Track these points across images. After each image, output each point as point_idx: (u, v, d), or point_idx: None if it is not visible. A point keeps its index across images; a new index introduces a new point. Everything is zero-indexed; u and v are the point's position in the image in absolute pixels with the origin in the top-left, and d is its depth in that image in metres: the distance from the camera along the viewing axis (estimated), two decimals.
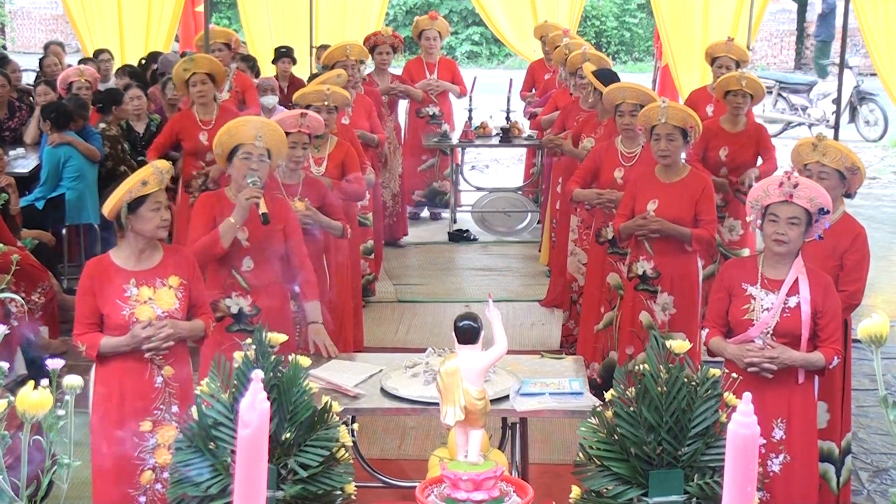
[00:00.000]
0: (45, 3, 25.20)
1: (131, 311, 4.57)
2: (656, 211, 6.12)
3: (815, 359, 4.67)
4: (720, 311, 4.84)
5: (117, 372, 4.63)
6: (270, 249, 5.38)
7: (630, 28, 26.10)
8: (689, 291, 6.23)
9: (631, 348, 6.37)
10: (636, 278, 6.29)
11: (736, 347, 4.73)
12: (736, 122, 7.87)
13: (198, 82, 7.86)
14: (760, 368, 4.64)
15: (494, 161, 14.97)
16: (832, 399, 5.27)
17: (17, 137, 9.85)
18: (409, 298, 9.09)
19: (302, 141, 6.01)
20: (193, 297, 4.72)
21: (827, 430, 5.27)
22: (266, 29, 12.63)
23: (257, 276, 5.38)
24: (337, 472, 3.46)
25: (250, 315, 5.33)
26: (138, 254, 4.65)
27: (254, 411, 1.84)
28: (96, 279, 4.61)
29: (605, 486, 3.34)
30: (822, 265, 4.97)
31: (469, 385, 3.26)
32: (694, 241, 6.09)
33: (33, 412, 2.28)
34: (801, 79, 19.32)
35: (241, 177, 5.29)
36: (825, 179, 5.09)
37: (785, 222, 4.61)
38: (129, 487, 4.62)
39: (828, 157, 5.17)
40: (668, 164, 6.15)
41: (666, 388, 3.35)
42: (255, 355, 3.55)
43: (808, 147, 5.26)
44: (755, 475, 1.90)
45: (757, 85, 7.85)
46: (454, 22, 24.66)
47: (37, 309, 7.08)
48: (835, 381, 5.24)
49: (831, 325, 4.68)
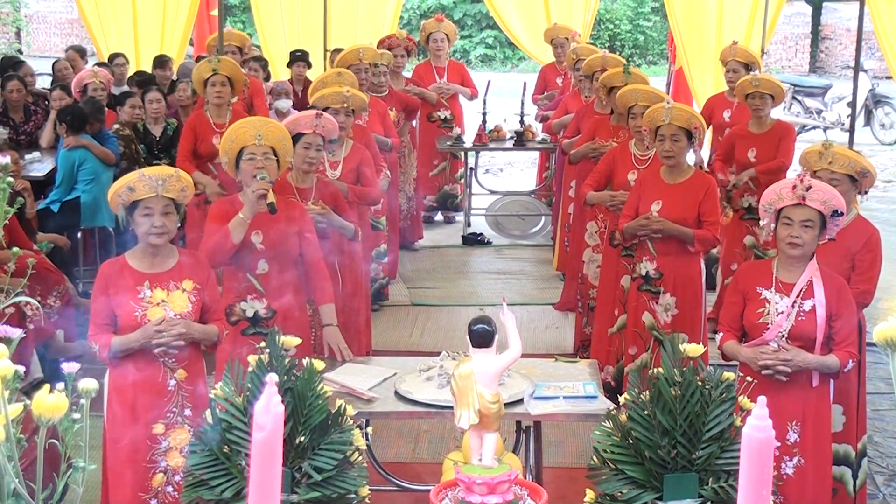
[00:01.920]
0: (61, 7, 25.32)
1: (143, 312, 4.58)
2: (660, 211, 6.13)
3: (830, 362, 4.65)
4: (735, 314, 4.83)
5: (130, 374, 4.63)
6: (285, 252, 5.38)
7: (644, 31, 26.09)
8: (692, 292, 6.24)
9: (634, 349, 6.39)
10: (640, 279, 6.31)
11: (750, 350, 4.72)
12: (761, 123, 7.87)
13: (217, 83, 7.90)
14: (774, 371, 4.63)
15: (508, 164, 14.98)
16: (847, 402, 5.25)
17: (32, 141, 9.90)
18: (423, 302, 9.09)
19: (316, 143, 5.97)
20: (207, 302, 4.72)
21: (843, 434, 5.25)
22: (280, 32, 12.65)
23: (272, 279, 5.38)
24: (351, 476, 3.46)
25: (265, 318, 5.34)
26: (151, 256, 4.66)
27: (268, 414, 1.84)
28: (111, 280, 4.62)
29: (619, 490, 3.34)
30: (837, 267, 4.96)
31: (483, 388, 3.26)
32: (696, 241, 6.10)
33: (49, 416, 2.28)
34: (816, 82, 19.28)
35: (249, 178, 5.28)
36: (836, 185, 5.08)
37: (799, 225, 4.60)
38: (140, 490, 4.61)
39: (836, 164, 5.17)
40: (673, 165, 6.15)
41: (680, 392, 3.35)
42: (269, 358, 3.56)
43: (815, 155, 5.25)
44: (770, 479, 1.89)
45: (773, 84, 7.83)
46: (468, 25, 24.70)
47: (52, 312, 7.11)
48: (850, 384, 5.22)
49: (846, 328, 4.67)
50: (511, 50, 24.54)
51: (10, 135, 9.69)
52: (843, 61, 23.84)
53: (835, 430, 5.21)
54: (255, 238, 5.32)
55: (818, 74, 23.85)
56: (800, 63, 24.79)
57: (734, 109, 8.67)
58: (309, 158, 5.96)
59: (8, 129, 9.72)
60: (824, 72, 24.60)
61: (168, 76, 10.93)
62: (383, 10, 12.56)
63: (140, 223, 4.60)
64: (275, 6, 12.61)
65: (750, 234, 7.90)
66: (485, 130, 10.53)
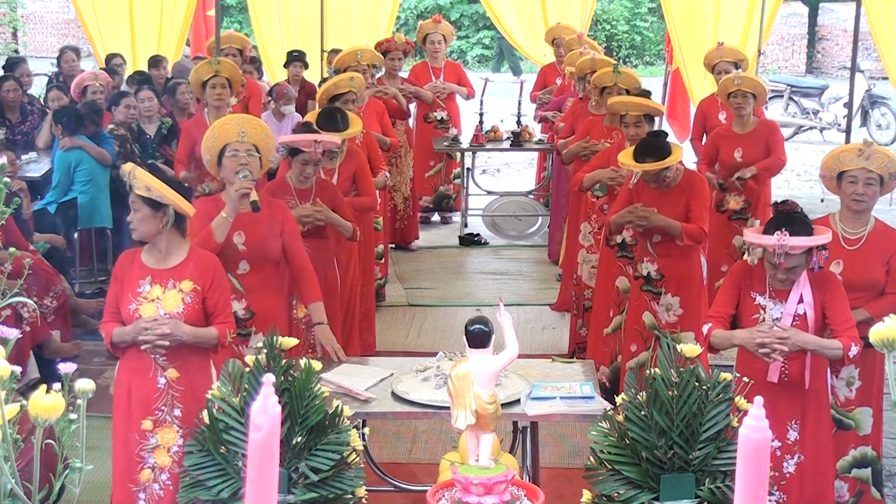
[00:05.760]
0: (58, 8, 25.29)
1: (137, 306, 4.62)
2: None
3: (831, 344, 4.61)
4: (728, 305, 4.83)
5: (127, 367, 4.71)
6: (267, 253, 5.36)
7: (641, 32, 26.09)
8: (694, 292, 6.26)
9: (634, 346, 6.41)
10: (641, 279, 6.33)
11: (745, 331, 4.69)
12: (744, 123, 7.87)
13: (217, 85, 7.88)
14: (772, 349, 4.58)
15: (505, 165, 14.98)
16: (877, 404, 5.28)
17: (29, 142, 9.88)
18: (420, 302, 9.09)
19: (314, 160, 6.02)
20: (211, 304, 4.70)
21: (871, 436, 5.28)
22: (277, 33, 12.65)
23: (253, 280, 5.36)
24: (348, 476, 3.47)
25: (244, 319, 5.33)
26: (158, 252, 4.70)
27: (265, 415, 1.84)
28: (122, 270, 4.72)
29: (616, 490, 3.35)
30: (873, 273, 5.06)
31: (480, 389, 3.26)
32: (685, 235, 6.11)
33: (45, 416, 2.28)
34: (813, 82, 19.28)
35: (231, 175, 5.25)
36: (871, 185, 5.13)
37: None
38: (129, 482, 4.67)
39: (875, 162, 5.17)
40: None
41: (677, 392, 3.35)
42: (266, 359, 3.56)
43: (852, 153, 5.21)
44: (767, 480, 1.89)
45: (755, 83, 7.83)
46: (465, 26, 24.68)
47: (49, 313, 7.10)
48: (875, 385, 5.25)
49: (840, 315, 4.66)
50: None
51: (7, 135, 9.67)
52: (839, 62, 23.83)
53: (864, 432, 5.24)
54: (237, 238, 5.30)
55: (815, 75, 23.84)
56: (796, 64, 24.79)
57: (728, 111, 8.64)
58: (306, 174, 6.05)
59: (4, 129, 9.71)
60: (821, 72, 24.60)
61: (163, 75, 10.92)
62: (380, 11, 12.56)
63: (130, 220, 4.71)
64: (271, 6, 12.61)
65: (739, 234, 7.91)
66: (482, 131, 10.53)
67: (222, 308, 4.74)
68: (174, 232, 4.70)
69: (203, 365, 4.76)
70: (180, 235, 4.75)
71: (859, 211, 5.13)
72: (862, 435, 5.26)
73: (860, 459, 5.29)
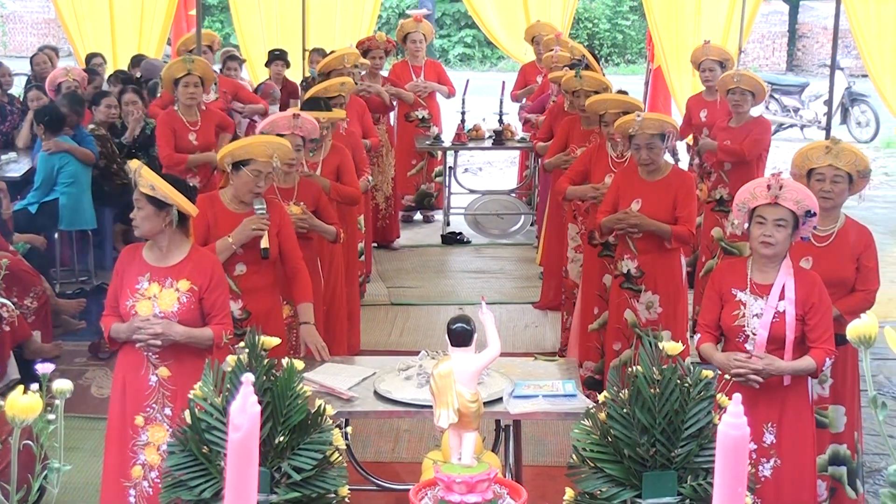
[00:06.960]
0: (38, 7, 25.18)
1: (134, 303, 4.64)
2: (640, 210, 6.15)
3: (805, 365, 4.61)
4: (712, 315, 4.80)
5: (123, 362, 4.74)
6: None
7: (622, 30, 26.15)
8: (673, 290, 6.27)
9: (618, 344, 6.42)
10: (621, 276, 6.33)
11: (723, 356, 4.69)
12: (740, 119, 7.93)
13: (190, 84, 7.90)
14: (746, 379, 4.60)
15: (487, 164, 14.98)
16: (850, 402, 5.28)
17: (8, 141, 9.83)
18: (402, 301, 9.08)
19: (295, 143, 5.98)
20: (208, 304, 4.70)
21: (845, 434, 5.28)
22: (258, 32, 12.63)
23: (249, 281, 5.39)
24: (330, 476, 3.45)
25: (240, 319, 5.33)
26: (159, 250, 4.71)
27: (244, 415, 1.83)
28: (123, 265, 4.73)
29: (598, 488, 3.34)
30: (843, 270, 5.03)
31: (462, 387, 3.25)
32: (673, 238, 6.12)
33: (22, 417, 2.27)
34: (793, 80, 19.36)
35: (245, 191, 5.34)
36: (839, 183, 5.10)
37: (772, 224, 4.59)
38: (122, 478, 4.70)
39: (842, 160, 5.11)
40: (652, 171, 6.19)
41: (659, 390, 3.35)
42: (247, 359, 3.54)
43: (819, 151, 5.17)
44: (745, 476, 1.90)
45: (755, 82, 7.87)
46: (447, 25, 24.67)
47: (29, 313, 7.07)
48: (848, 382, 5.25)
49: (821, 325, 4.62)
50: (490, 49, 24.53)
51: None
52: (819, 59, 23.92)
53: (836, 430, 5.24)
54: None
55: (795, 73, 23.93)
56: (777, 61, 24.87)
57: (710, 108, 8.68)
58: (289, 159, 5.96)
59: None
60: (801, 70, 24.69)
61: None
62: (361, 10, 12.55)
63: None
64: (253, 6, 12.59)
65: (718, 225, 7.94)
66: (464, 130, 10.54)
67: (220, 309, 4.74)
68: (177, 231, 4.70)
69: (198, 365, 4.72)
70: (183, 234, 4.75)
71: (827, 208, 5.02)
72: (835, 433, 5.27)
73: (833, 457, 5.30)
